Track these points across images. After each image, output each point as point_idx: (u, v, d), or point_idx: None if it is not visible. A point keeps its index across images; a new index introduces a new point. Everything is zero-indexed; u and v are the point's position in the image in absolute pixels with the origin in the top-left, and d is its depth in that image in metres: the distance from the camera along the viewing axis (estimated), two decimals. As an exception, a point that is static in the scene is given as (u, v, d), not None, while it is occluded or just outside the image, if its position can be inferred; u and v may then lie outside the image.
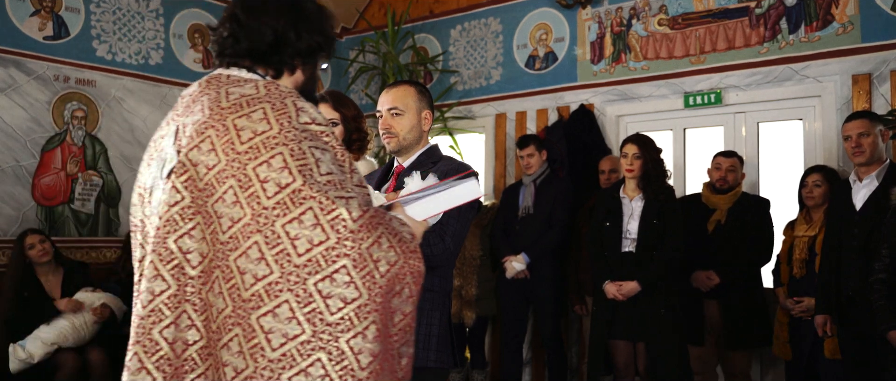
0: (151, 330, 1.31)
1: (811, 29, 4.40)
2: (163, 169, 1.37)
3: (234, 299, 1.29)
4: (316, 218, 1.27)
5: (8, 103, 4.50)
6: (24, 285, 4.22)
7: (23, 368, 4.02)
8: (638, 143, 3.86)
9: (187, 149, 1.33)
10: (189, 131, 1.35)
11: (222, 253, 1.30)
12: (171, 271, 1.31)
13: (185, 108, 1.42)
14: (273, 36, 1.47)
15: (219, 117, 1.34)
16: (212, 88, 1.41)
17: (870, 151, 3.43)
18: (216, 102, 1.37)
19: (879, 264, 3.12)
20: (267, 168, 1.29)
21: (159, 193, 1.36)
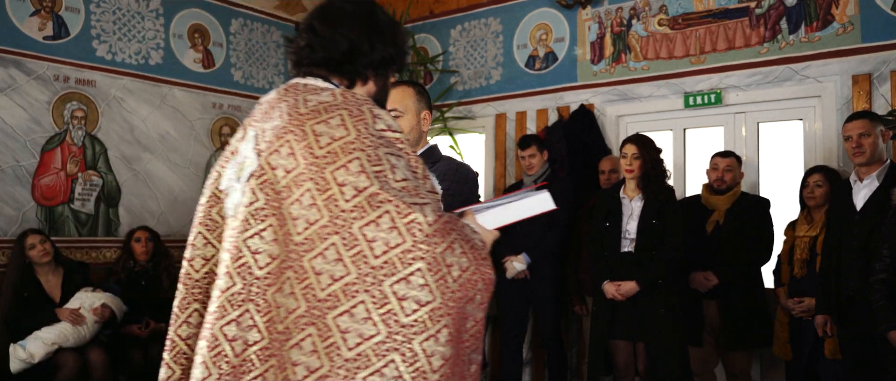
0: (214, 326, 1.34)
1: (811, 29, 4.41)
2: (241, 172, 1.42)
3: (307, 299, 1.31)
4: (392, 221, 1.30)
5: (8, 103, 4.50)
6: (24, 285, 4.22)
7: (23, 368, 4.02)
8: (637, 143, 3.86)
9: (267, 153, 1.38)
10: (268, 136, 1.40)
11: (296, 254, 1.33)
12: (238, 270, 1.34)
13: (263, 114, 1.48)
14: (347, 46, 1.53)
15: (297, 123, 1.39)
16: (290, 95, 1.47)
17: (870, 151, 3.43)
18: (294, 108, 1.42)
19: (880, 264, 3.12)
20: (345, 172, 1.33)
21: (237, 195, 1.41)
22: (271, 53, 5.99)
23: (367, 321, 1.29)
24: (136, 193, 5.08)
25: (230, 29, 5.70)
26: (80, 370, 4.12)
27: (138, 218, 5.03)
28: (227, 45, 5.67)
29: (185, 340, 1.49)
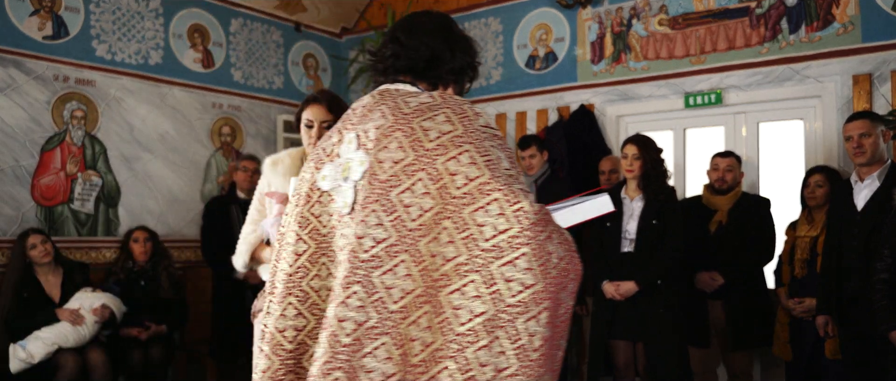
0: (327, 309, 1.47)
1: (812, 29, 4.40)
2: (348, 172, 1.54)
3: (424, 280, 1.42)
4: (501, 208, 1.40)
5: (7, 103, 4.49)
6: (24, 285, 4.21)
7: (23, 368, 4.01)
8: (638, 143, 3.85)
9: (376, 150, 1.50)
10: (373, 135, 1.52)
11: (411, 239, 1.43)
12: (348, 256, 1.46)
13: (360, 117, 1.59)
14: (429, 53, 1.67)
15: (404, 121, 1.50)
16: (387, 98, 1.58)
17: (871, 151, 3.43)
18: (397, 109, 1.54)
19: (881, 264, 3.12)
20: (456, 163, 1.44)
21: (349, 193, 1.53)
22: (271, 53, 5.99)
23: (476, 298, 1.38)
24: (135, 193, 5.07)
25: (230, 29, 5.69)
26: (79, 370, 4.11)
27: (138, 218, 5.02)
28: (226, 44, 5.67)
29: (282, 332, 1.55)
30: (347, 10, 6.39)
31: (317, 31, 6.33)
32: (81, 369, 4.13)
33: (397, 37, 1.69)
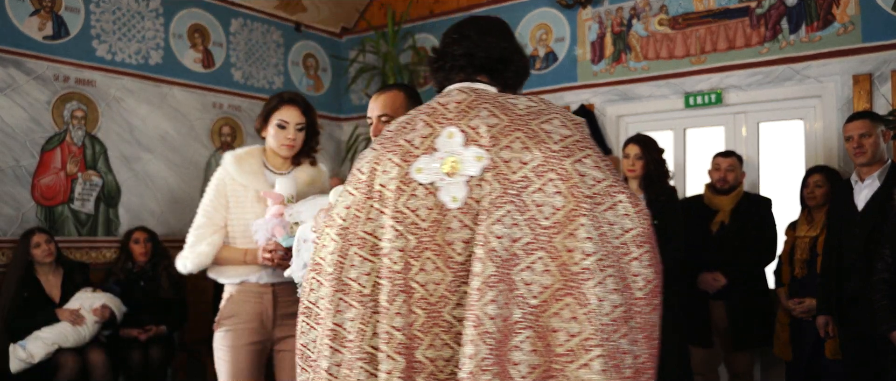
0: (475, 307, 1.48)
1: (812, 29, 4.40)
2: (458, 167, 1.57)
3: (563, 274, 1.49)
4: (626, 210, 1.55)
5: (7, 103, 4.49)
6: (25, 284, 4.21)
7: (23, 368, 4.01)
8: (640, 143, 3.85)
9: (496, 149, 1.55)
10: (486, 133, 1.57)
11: (546, 236, 1.50)
12: (488, 255, 1.49)
13: (457, 113, 1.63)
14: (501, 54, 1.74)
15: (522, 122, 1.58)
16: (485, 97, 1.64)
17: (871, 151, 3.43)
18: (506, 109, 1.60)
19: (882, 264, 3.12)
20: (582, 165, 1.54)
21: (459, 188, 1.57)
22: (271, 53, 5.99)
23: (614, 292, 1.49)
24: (135, 193, 5.07)
25: (230, 29, 5.69)
26: (79, 370, 4.11)
27: (138, 218, 5.02)
28: (227, 44, 5.67)
29: (401, 330, 1.56)
30: (347, 10, 6.39)
31: (317, 31, 6.33)
32: (81, 369, 4.13)
33: (469, 35, 1.74)
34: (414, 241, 1.58)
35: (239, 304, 2.62)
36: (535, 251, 1.50)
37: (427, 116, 1.66)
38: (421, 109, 1.71)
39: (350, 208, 1.65)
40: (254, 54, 5.86)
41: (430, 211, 1.58)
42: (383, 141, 1.68)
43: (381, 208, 1.61)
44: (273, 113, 2.64)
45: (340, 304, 1.62)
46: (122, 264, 4.67)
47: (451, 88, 1.73)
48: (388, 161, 1.63)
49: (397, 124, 1.70)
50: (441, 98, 1.69)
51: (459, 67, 1.74)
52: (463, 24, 1.80)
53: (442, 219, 1.57)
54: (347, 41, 6.53)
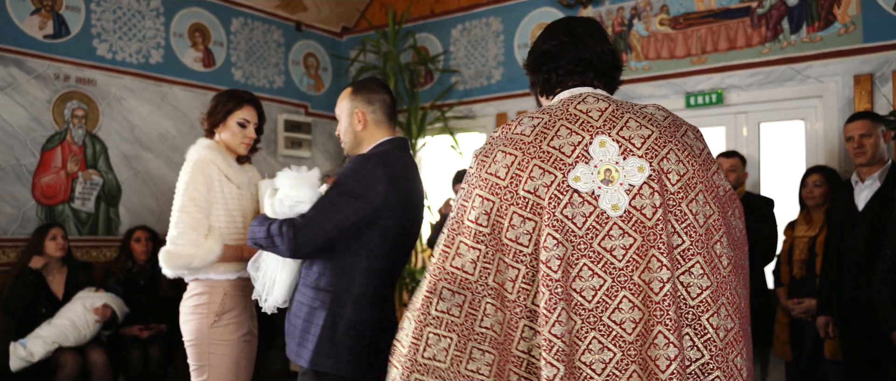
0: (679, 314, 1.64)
1: (813, 29, 4.40)
2: (616, 175, 1.65)
3: (715, 277, 1.65)
4: (740, 214, 1.78)
5: (8, 102, 4.49)
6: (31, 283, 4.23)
7: (23, 366, 4.02)
8: None
9: (656, 160, 1.66)
10: (641, 144, 1.67)
11: (702, 243, 1.65)
12: (669, 260, 1.62)
13: (606, 123, 1.69)
14: (612, 60, 1.83)
15: (670, 135, 1.70)
16: (625, 107, 1.74)
17: (872, 151, 3.43)
18: (652, 121, 1.72)
19: (884, 263, 3.12)
20: (718, 177, 1.73)
21: (620, 196, 1.65)
22: (272, 52, 5.99)
23: (745, 287, 1.74)
24: (136, 192, 5.07)
25: (231, 28, 5.69)
26: (79, 369, 4.12)
27: (139, 217, 5.03)
28: (227, 44, 5.67)
29: (560, 337, 1.59)
30: (348, 10, 6.39)
31: (317, 30, 6.33)
32: (81, 368, 4.14)
33: (582, 38, 1.80)
34: (570, 248, 1.62)
35: (235, 298, 2.68)
36: (692, 257, 1.64)
37: (570, 122, 1.69)
38: (555, 114, 1.70)
39: (490, 215, 1.65)
40: (254, 54, 5.86)
41: (586, 219, 1.63)
42: (522, 146, 1.66)
43: (528, 214, 1.63)
44: (234, 112, 2.67)
45: (488, 308, 1.65)
46: (122, 263, 4.67)
47: (575, 92, 1.77)
48: (536, 168, 1.64)
49: (532, 128, 1.69)
50: (579, 105, 1.72)
51: (577, 72, 1.79)
52: (571, 26, 1.83)
53: (600, 227, 1.63)
54: (348, 41, 6.53)
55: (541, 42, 1.85)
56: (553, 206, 1.62)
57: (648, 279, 1.62)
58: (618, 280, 1.62)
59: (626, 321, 1.61)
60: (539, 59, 1.83)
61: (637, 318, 1.61)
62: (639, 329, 1.61)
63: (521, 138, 1.68)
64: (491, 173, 1.67)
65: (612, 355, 1.61)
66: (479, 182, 1.68)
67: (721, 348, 1.63)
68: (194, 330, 2.63)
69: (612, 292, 1.62)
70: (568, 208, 1.63)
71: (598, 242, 1.63)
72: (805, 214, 3.94)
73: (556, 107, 1.74)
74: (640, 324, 1.61)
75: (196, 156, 2.62)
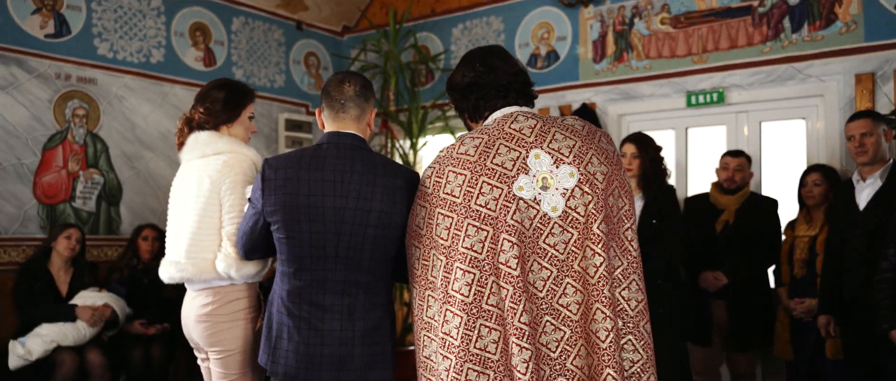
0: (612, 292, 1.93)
1: (814, 28, 4.39)
2: (552, 182, 1.93)
3: (626, 258, 1.99)
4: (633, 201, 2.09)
5: (9, 101, 4.49)
6: (37, 276, 4.25)
7: (22, 365, 4.02)
8: (636, 142, 3.83)
9: (582, 165, 1.95)
10: (569, 153, 1.95)
11: (616, 230, 1.97)
12: (602, 249, 1.91)
13: (537, 137, 1.97)
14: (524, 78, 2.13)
15: (589, 141, 1.99)
16: (549, 122, 2.01)
17: (873, 150, 3.42)
18: (573, 131, 2.00)
19: (886, 263, 3.11)
20: (624, 175, 2.04)
21: (557, 199, 1.93)
22: (273, 52, 5.99)
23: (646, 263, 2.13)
24: (137, 191, 5.08)
25: (231, 27, 5.69)
26: (77, 369, 4.11)
27: (140, 217, 5.03)
28: (228, 43, 5.67)
29: (528, 324, 1.88)
30: (349, 9, 6.38)
31: (318, 29, 6.33)
32: (79, 368, 4.13)
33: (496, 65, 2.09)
34: (522, 248, 1.89)
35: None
36: (611, 241, 1.95)
37: (507, 141, 1.97)
38: (493, 134, 1.98)
39: (450, 230, 1.94)
40: (255, 53, 5.85)
41: (532, 221, 1.91)
42: (469, 165, 1.95)
43: (480, 224, 1.91)
44: (248, 106, 2.62)
45: (447, 314, 1.91)
46: (127, 260, 4.67)
47: (505, 113, 2.04)
48: (485, 183, 1.92)
49: (475, 149, 1.97)
50: (513, 124, 1.99)
51: (500, 95, 2.07)
52: (484, 56, 2.12)
53: (544, 227, 1.91)
54: (349, 40, 6.53)
55: (461, 76, 2.13)
56: (504, 214, 1.90)
57: (585, 267, 1.92)
58: (562, 270, 1.91)
59: (571, 304, 1.91)
60: (466, 90, 2.11)
61: (580, 300, 1.91)
62: (582, 309, 1.91)
63: (466, 158, 1.96)
64: (447, 193, 1.95)
65: (563, 333, 1.91)
66: (437, 200, 1.97)
67: (632, 316, 1.96)
68: (240, 338, 2.43)
69: (558, 281, 1.91)
70: (516, 214, 1.90)
71: (542, 239, 1.92)
72: (805, 213, 3.94)
73: (492, 127, 2.01)
74: (583, 305, 1.91)
75: (248, 156, 2.52)
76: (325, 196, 2.09)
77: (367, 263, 2.12)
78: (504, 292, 1.88)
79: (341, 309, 2.12)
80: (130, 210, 5.02)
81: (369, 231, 2.09)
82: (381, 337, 2.15)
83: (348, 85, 2.20)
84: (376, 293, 2.16)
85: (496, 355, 1.88)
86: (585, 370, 1.91)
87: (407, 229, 2.13)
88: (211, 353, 2.48)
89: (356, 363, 2.11)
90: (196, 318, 2.47)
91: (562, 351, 1.90)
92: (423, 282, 2.00)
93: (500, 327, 1.88)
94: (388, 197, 2.10)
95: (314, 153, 2.15)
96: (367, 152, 2.17)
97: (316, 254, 2.11)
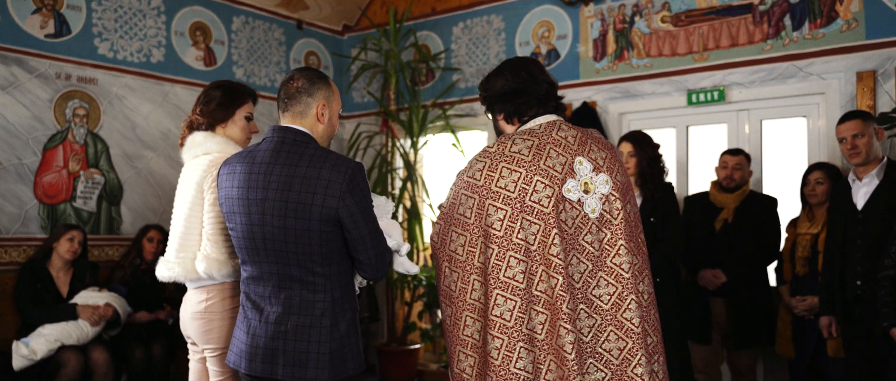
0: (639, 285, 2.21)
1: (815, 26, 4.39)
2: (592, 187, 2.19)
3: (641, 257, 2.25)
4: None
5: (10, 101, 4.49)
6: (38, 277, 4.25)
7: (26, 365, 4.02)
8: (632, 141, 3.83)
9: (613, 174, 2.22)
10: (604, 163, 2.22)
11: (634, 232, 2.25)
12: (632, 247, 2.21)
13: (579, 146, 2.22)
14: (555, 91, 2.36)
15: (615, 155, 2.28)
16: (585, 133, 2.26)
17: (866, 150, 3.40)
18: (602, 143, 2.28)
19: (888, 260, 3.11)
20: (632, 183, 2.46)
21: (596, 202, 2.19)
22: (273, 51, 5.98)
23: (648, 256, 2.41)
24: (138, 191, 5.08)
25: (232, 27, 5.69)
26: (82, 367, 4.12)
27: (140, 216, 5.03)
28: (228, 42, 5.67)
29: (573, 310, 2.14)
30: (349, 8, 6.38)
31: (319, 28, 6.33)
32: (83, 366, 4.14)
33: (537, 76, 2.30)
34: (565, 244, 2.13)
35: None
36: (629, 243, 2.20)
37: (556, 146, 2.20)
38: (543, 139, 2.20)
39: (503, 221, 2.14)
40: (256, 52, 5.85)
41: (574, 221, 2.16)
42: (524, 164, 2.16)
43: (533, 219, 2.13)
44: (243, 106, 2.61)
45: (498, 298, 2.12)
46: (131, 259, 4.68)
47: (549, 120, 2.26)
48: (539, 182, 2.14)
49: (528, 149, 2.18)
50: (558, 132, 2.22)
51: (541, 103, 2.29)
52: (529, 66, 2.32)
53: (583, 227, 2.17)
54: (349, 39, 6.53)
55: (505, 81, 2.30)
56: (556, 212, 2.13)
57: (619, 263, 2.17)
58: (596, 265, 2.18)
59: (603, 295, 2.17)
60: (511, 94, 2.28)
61: (611, 292, 2.16)
62: (613, 299, 2.16)
63: (521, 157, 2.16)
64: (501, 187, 2.15)
65: (595, 321, 2.16)
66: (490, 193, 2.16)
67: (646, 306, 2.21)
68: None
69: (593, 274, 2.17)
70: (563, 213, 2.14)
71: (581, 237, 2.16)
72: (807, 211, 3.93)
73: (541, 132, 2.22)
74: (615, 296, 2.16)
75: None
76: (250, 188, 2.12)
77: (294, 256, 2.08)
78: (553, 280, 2.11)
79: (278, 302, 2.13)
80: (131, 210, 5.02)
81: (289, 223, 2.06)
82: (319, 336, 2.08)
83: (292, 82, 2.23)
84: (314, 290, 2.11)
85: (542, 335, 2.11)
86: (614, 353, 2.16)
87: (446, 216, 2.26)
88: (206, 351, 2.50)
89: (287, 358, 2.09)
90: (192, 314, 2.50)
91: (593, 336, 2.15)
92: (469, 266, 2.17)
93: (547, 311, 2.11)
94: (308, 188, 2.05)
95: (253, 148, 2.21)
96: (300, 144, 2.14)
97: (250, 246, 2.15)
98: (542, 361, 2.11)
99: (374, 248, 2.14)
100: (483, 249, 2.15)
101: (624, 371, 2.16)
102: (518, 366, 2.10)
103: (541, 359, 2.11)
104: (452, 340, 2.22)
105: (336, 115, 2.31)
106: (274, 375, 2.11)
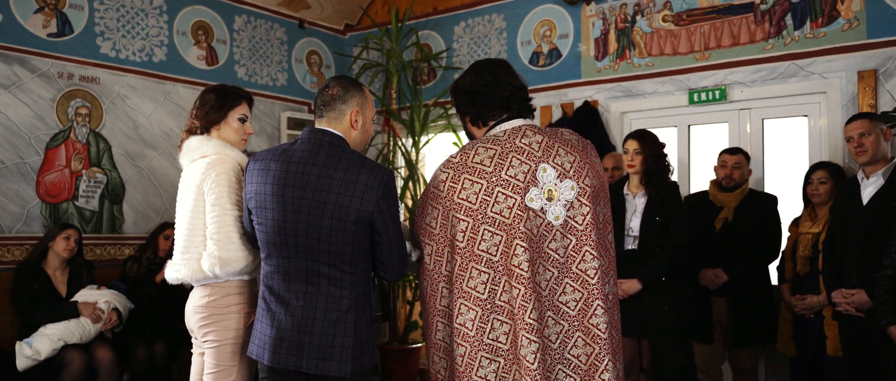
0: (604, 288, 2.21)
1: (816, 25, 4.39)
2: (556, 194, 2.18)
3: (608, 259, 2.26)
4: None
5: (12, 101, 4.50)
6: (36, 278, 4.25)
7: (30, 365, 4.03)
8: (638, 138, 3.83)
9: (580, 179, 2.20)
10: (571, 168, 2.20)
11: (602, 234, 2.24)
12: (598, 253, 2.19)
13: (543, 152, 2.20)
14: (524, 94, 2.35)
15: (585, 155, 2.25)
16: (551, 136, 2.23)
17: (872, 150, 3.42)
18: (571, 146, 2.24)
19: (888, 259, 3.11)
20: (606, 184, 2.31)
21: (559, 209, 2.18)
22: (275, 50, 5.99)
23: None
24: (140, 190, 5.09)
25: (234, 26, 5.69)
26: (86, 366, 4.13)
27: (142, 215, 5.04)
28: (230, 42, 5.67)
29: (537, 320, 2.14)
30: (351, 7, 6.38)
31: (320, 28, 6.33)
32: (87, 365, 4.15)
33: (503, 79, 2.27)
34: (532, 252, 2.12)
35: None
36: (599, 242, 2.20)
37: (519, 154, 2.19)
38: (506, 147, 2.19)
39: (465, 232, 2.16)
40: (257, 51, 5.86)
41: (538, 229, 2.16)
42: (485, 175, 2.17)
43: (495, 230, 2.14)
44: (235, 108, 2.65)
45: (462, 307, 2.15)
46: (147, 254, 4.70)
47: (514, 126, 2.24)
48: (500, 193, 2.15)
49: (490, 159, 2.18)
50: (522, 139, 2.21)
51: (503, 107, 2.27)
52: (493, 68, 2.29)
53: (547, 234, 2.16)
54: (351, 38, 6.53)
55: (469, 82, 2.29)
56: (518, 222, 2.13)
57: (585, 269, 2.18)
58: (562, 272, 2.18)
59: (570, 301, 2.18)
60: (472, 96, 2.27)
61: (578, 297, 2.18)
62: (580, 305, 2.18)
63: (482, 168, 2.17)
64: (462, 199, 2.16)
65: (562, 327, 2.18)
66: (453, 204, 2.17)
67: (610, 308, 2.24)
68: (231, 329, 2.51)
69: (559, 281, 2.18)
70: (527, 223, 2.14)
71: (546, 245, 2.17)
72: (809, 210, 3.93)
73: (504, 140, 2.21)
74: (581, 301, 2.18)
75: (224, 161, 2.55)
76: (287, 186, 2.19)
77: (325, 254, 2.17)
78: (515, 291, 2.11)
79: (304, 297, 2.20)
80: (133, 209, 5.03)
81: (325, 222, 2.15)
82: (343, 330, 2.18)
83: (328, 90, 2.32)
84: (341, 286, 2.19)
85: (506, 345, 2.13)
86: (582, 359, 2.18)
87: (415, 225, 2.31)
88: (205, 344, 2.56)
89: (313, 351, 2.18)
90: (194, 308, 2.58)
91: (561, 342, 2.17)
92: (437, 275, 2.21)
93: (511, 320, 2.12)
94: (346, 190, 2.15)
95: (288, 146, 2.28)
96: (337, 148, 2.24)
97: (280, 241, 2.21)
98: (507, 370, 2.13)
99: (398, 251, 2.24)
100: (449, 258, 2.19)
101: (591, 377, 2.18)
102: (479, 374, 2.14)
103: (506, 368, 2.14)
104: (427, 342, 2.30)
105: (369, 121, 2.40)
106: (299, 367, 2.18)
